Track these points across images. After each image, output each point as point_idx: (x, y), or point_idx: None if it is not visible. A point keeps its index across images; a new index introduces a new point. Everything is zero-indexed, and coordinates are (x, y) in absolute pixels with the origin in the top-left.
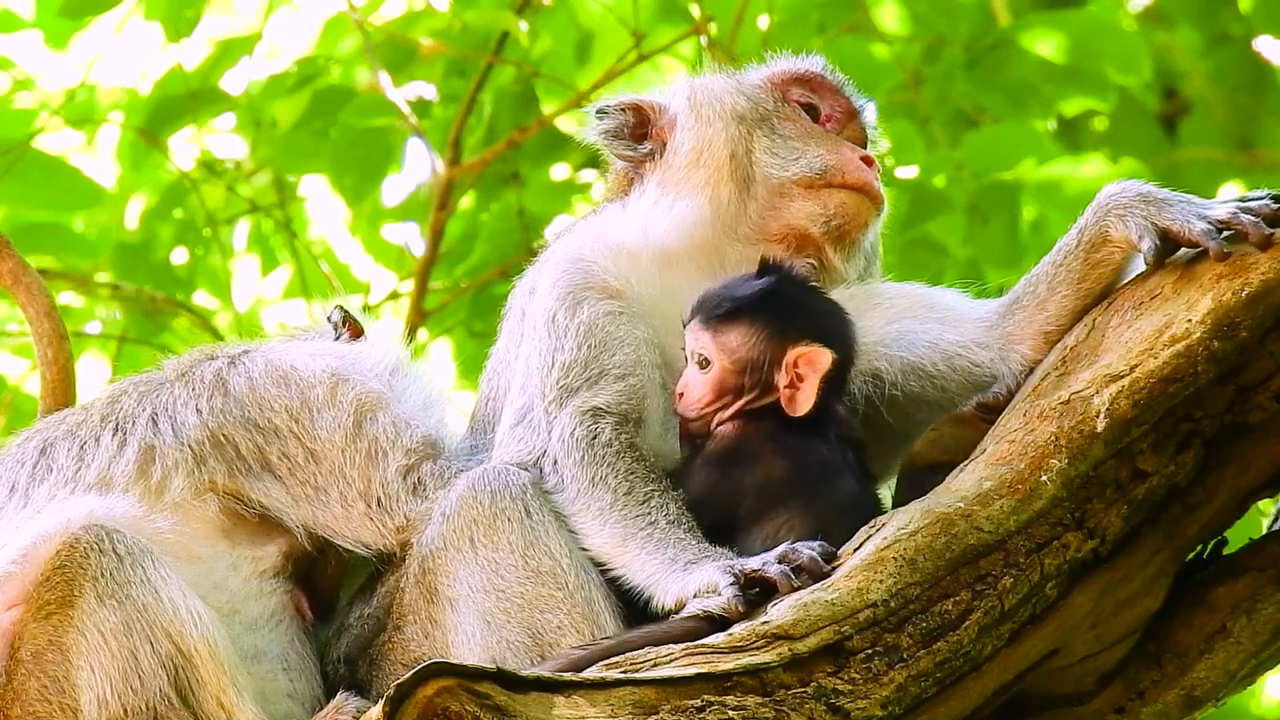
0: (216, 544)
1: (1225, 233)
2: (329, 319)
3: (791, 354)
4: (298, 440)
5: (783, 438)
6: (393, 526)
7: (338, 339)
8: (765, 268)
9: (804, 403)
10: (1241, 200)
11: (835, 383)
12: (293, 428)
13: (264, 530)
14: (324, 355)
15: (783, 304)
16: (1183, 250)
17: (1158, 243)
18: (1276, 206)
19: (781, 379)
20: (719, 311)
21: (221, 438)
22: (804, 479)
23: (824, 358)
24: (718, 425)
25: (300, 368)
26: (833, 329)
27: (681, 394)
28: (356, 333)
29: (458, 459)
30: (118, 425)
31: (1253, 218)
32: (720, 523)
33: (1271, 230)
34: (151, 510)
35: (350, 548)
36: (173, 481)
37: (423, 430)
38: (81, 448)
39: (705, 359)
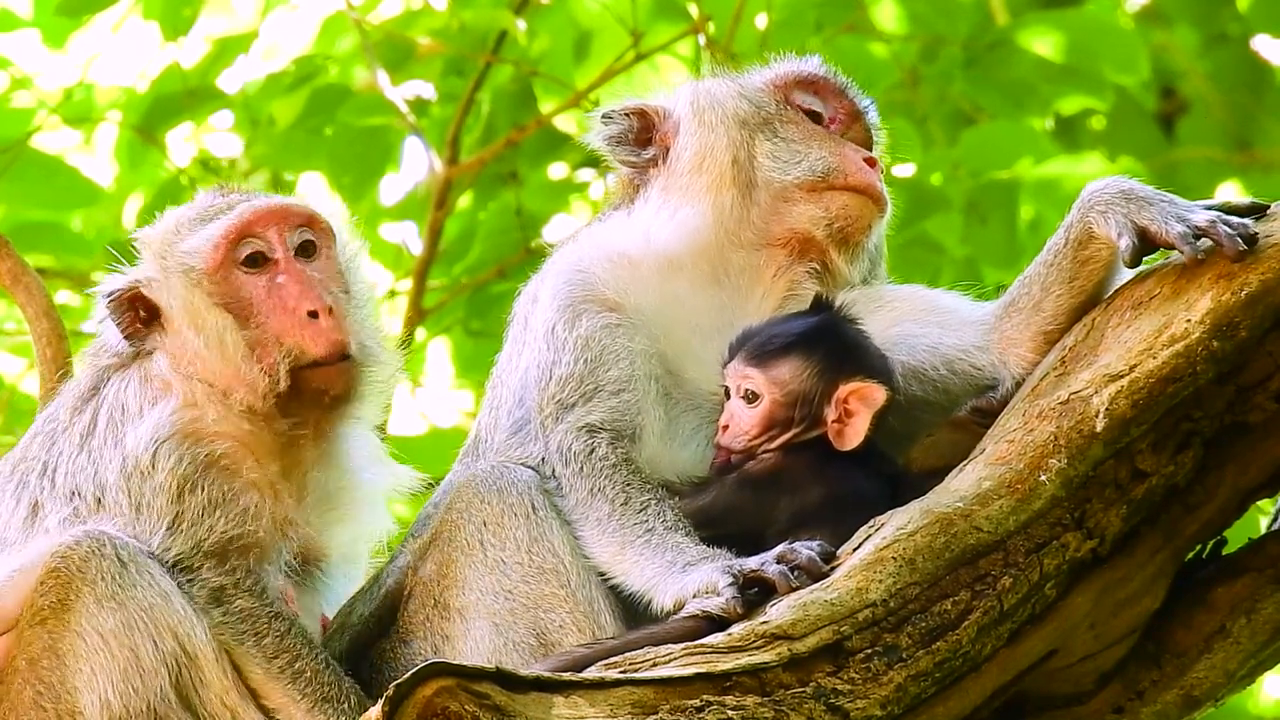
0: None
1: (1203, 239)
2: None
3: (843, 389)
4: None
5: (824, 468)
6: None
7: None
8: (816, 305)
9: (853, 438)
10: (1224, 209)
11: (881, 419)
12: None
13: None
14: (149, 427)
15: (835, 340)
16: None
17: (1135, 241)
18: (1255, 230)
19: (830, 413)
20: (771, 346)
21: (87, 496)
22: (839, 508)
23: (879, 394)
24: (761, 454)
25: (132, 445)
26: (883, 366)
27: (726, 426)
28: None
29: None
30: (23, 479)
31: (1230, 231)
32: (741, 536)
33: (1247, 247)
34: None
35: None
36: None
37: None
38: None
39: (753, 393)
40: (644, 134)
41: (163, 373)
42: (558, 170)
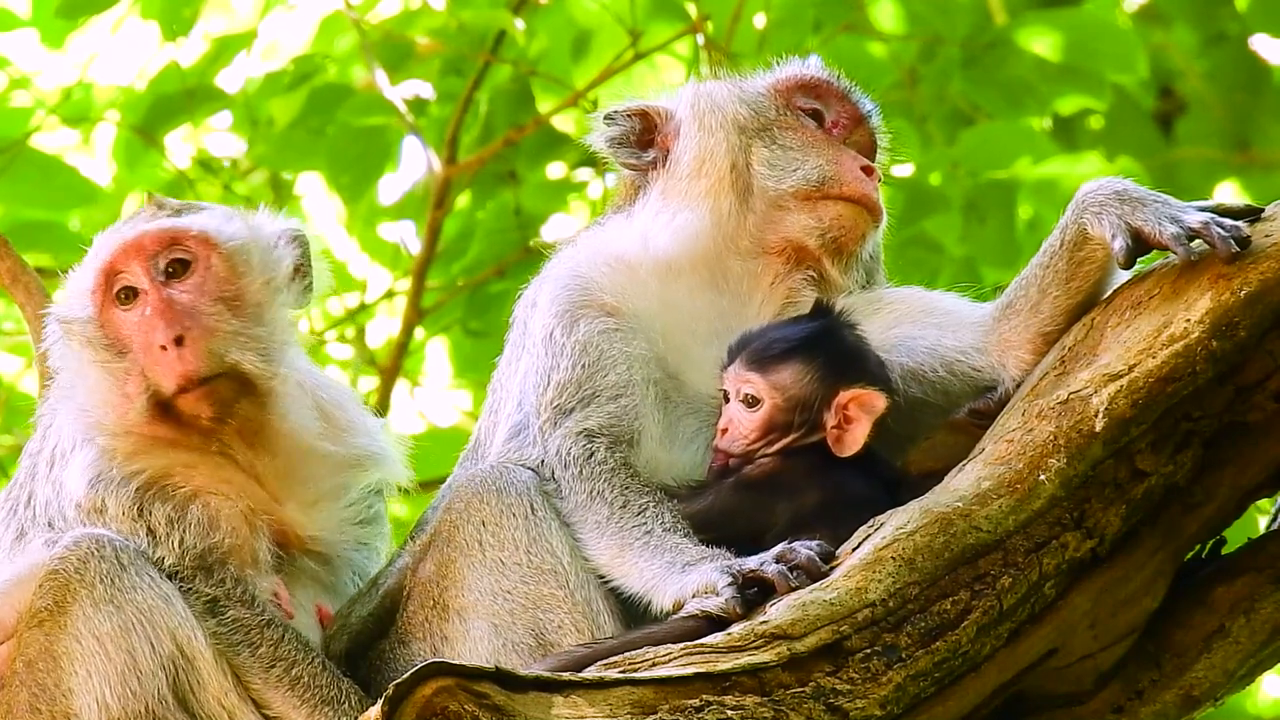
0: None
1: (1196, 240)
2: None
3: (844, 396)
4: None
5: (823, 472)
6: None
7: None
8: (817, 310)
9: (853, 444)
10: (1218, 210)
11: (881, 426)
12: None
13: None
14: (80, 470)
15: (836, 346)
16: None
17: (1129, 242)
18: (1248, 234)
19: (830, 419)
20: (772, 351)
21: (60, 526)
22: (837, 512)
23: (879, 402)
24: (760, 458)
25: (73, 489)
26: (883, 374)
27: (725, 429)
28: None
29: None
30: (14, 506)
31: (1223, 232)
32: (740, 540)
33: (1240, 249)
34: None
35: None
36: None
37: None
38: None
39: (753, 397)
40: (646, 135)
41: (78, 413)
42: (556, 170)
